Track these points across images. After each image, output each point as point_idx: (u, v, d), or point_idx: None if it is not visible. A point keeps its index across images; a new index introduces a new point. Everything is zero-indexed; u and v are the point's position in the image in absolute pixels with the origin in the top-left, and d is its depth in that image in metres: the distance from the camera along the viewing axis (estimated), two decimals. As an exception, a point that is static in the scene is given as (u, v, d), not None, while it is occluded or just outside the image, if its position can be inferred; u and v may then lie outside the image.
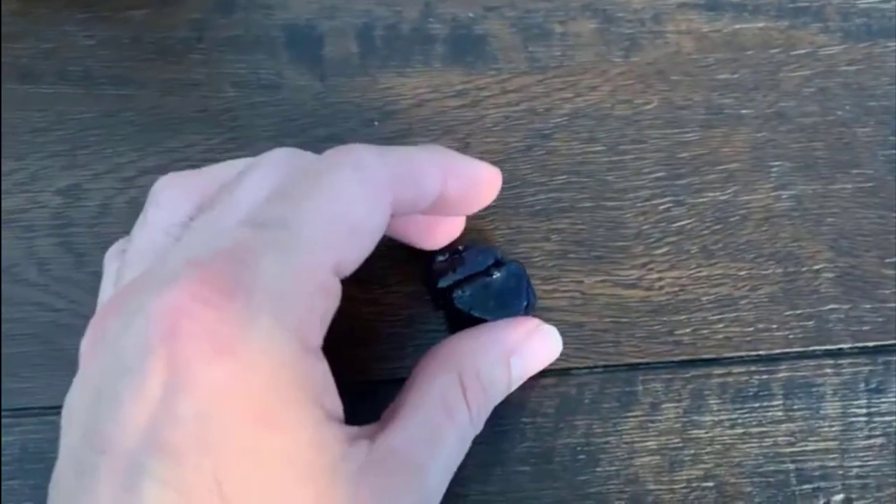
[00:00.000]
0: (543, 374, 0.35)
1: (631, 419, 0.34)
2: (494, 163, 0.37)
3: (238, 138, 0.38)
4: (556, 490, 0.33)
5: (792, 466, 0.34)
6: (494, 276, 0.34)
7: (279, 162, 0.30)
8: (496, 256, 0.34)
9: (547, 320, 0.36)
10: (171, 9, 0.42)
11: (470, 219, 0.36)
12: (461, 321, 0.33)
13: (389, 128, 0.38)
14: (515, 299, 0.33)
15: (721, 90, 0.39)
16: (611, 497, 0.33)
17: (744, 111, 0.38)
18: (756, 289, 0.36)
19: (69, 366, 0.35)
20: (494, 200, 0.36)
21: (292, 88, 0.39)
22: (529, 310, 0.33)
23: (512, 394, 0.35)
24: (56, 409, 0.34)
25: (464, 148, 0.38)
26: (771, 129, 0.38)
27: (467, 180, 0.32)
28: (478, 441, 0.34)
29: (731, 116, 0.38)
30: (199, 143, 0.38)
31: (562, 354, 0.36)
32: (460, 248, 0.34)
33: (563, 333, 0.36)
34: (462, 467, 0.33)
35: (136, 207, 0.37)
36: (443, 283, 0.34)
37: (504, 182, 0.37)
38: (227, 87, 0.39)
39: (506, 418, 0.34)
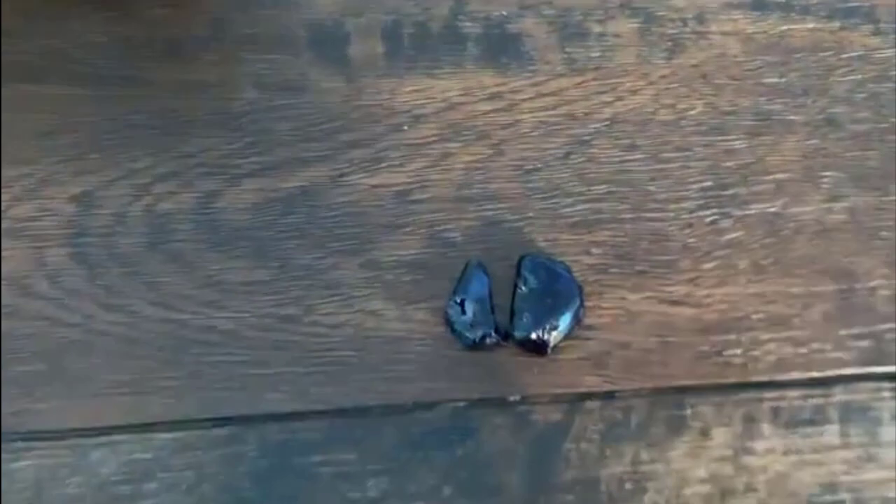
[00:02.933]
0: (588, 396, 0.34)
1: (680, 445, 0.33)
2: (530, 171, 0.36)
3: (258, 143, 0.37)
4: (600, 520, 0.33)
5: (849, 496, 0.32)
6: (524, 287, 0.33)
7: None
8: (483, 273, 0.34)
9: (591, 339, 0.34)
10: (188, 5, 0.39)
11: (504, 231, 0.35)
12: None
13: (419, 133, 0.37)
14: (565, 287, 0.33)
15: (769, 95, 0.37)
16: (658, 528, 0.33)
17: (793, 117, 0.37)
18: (809, 306, 0.34)
19: (82, 385, 0.33)
20: (531, 210, 0.35)
21: (316, 90, 0.37)
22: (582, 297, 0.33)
23: (554, 418, 0.33)
24: (67, 433, 0.33)
25: (498, 154, 0.37)
26: (822, 136, 0.37)
27: None
28: (520, 467, 0.32)
29: (779, 123, 0.37)
30: (216, 147, 0.36)
31: (606, 375, 0.34)
32: (458, 299, 0.34)
33: (607, 353, 0.34)
34: (501, 493, 0.32)
35: (152, 216, 0.36)
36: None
37: (541, 191, 0.36)
38: (247, 88, 0.37)
39: (549, 443, 0.33)
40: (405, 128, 0.37)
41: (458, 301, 0.33)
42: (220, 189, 0.36)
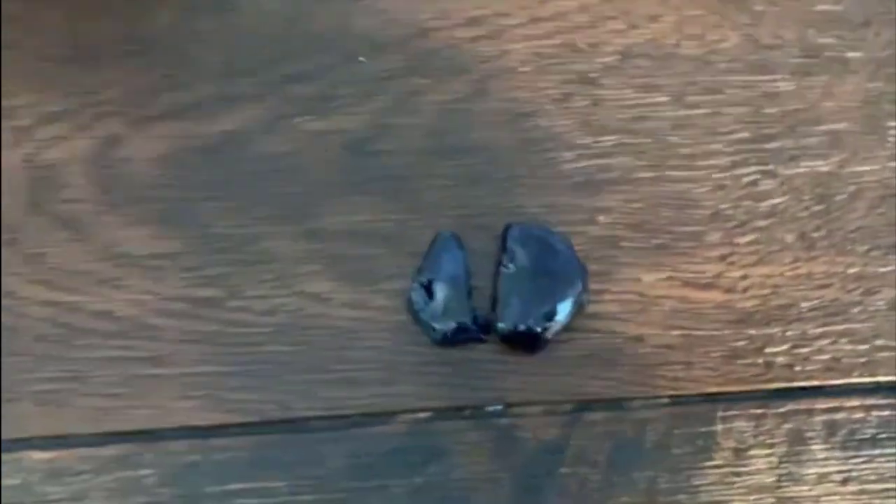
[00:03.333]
0: (591, 406, 0.29)
1: (709, 471, 0.29)
2: (521, 115, 0.33)
3: (177, 75, 0.33)
4: (605, 565, 0.29)
5: (924, 538, 0.28)
6: (511, 265, 0.29)
7: None
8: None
9: (595, 333, 0.30)
10: None
11: (486, 192, 0.31)
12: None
13: (381, 65, 0.33)
14: (564, 265, 0.29)
15: (820, 25, 0.34)
16: (679, 574, 0.29)
17: (851, 54, 0.33)
18: (872, 292, 0.31)
19: None
20: (521, 166, 0.32)
21: (251, 11, 0.33)
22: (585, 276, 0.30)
23: (547, 434, 0.29)
24: None
25: (480, 94, 0.33)
26: (887, 77, 0.33)
27: None
28: (502, 498, 0.29)
29: (834, 60, 0.33)
30: (124, 80, 0.33)
31: (615, 378, 0.30)
32: (424, 280, 0.30)
33: (614, 349, 0.30)
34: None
35: (34, 168, 0.31)
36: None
37: (534, 143, 0.32)
38: (164, 7, 0.33)
39: (540, 467, 0.29)
40: (362, 59, 0.33)
41: (425, 283, 0.29)
42: (123, 134, 0.32)
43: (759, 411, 0.29)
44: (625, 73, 0.33)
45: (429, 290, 0.29)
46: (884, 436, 0.29)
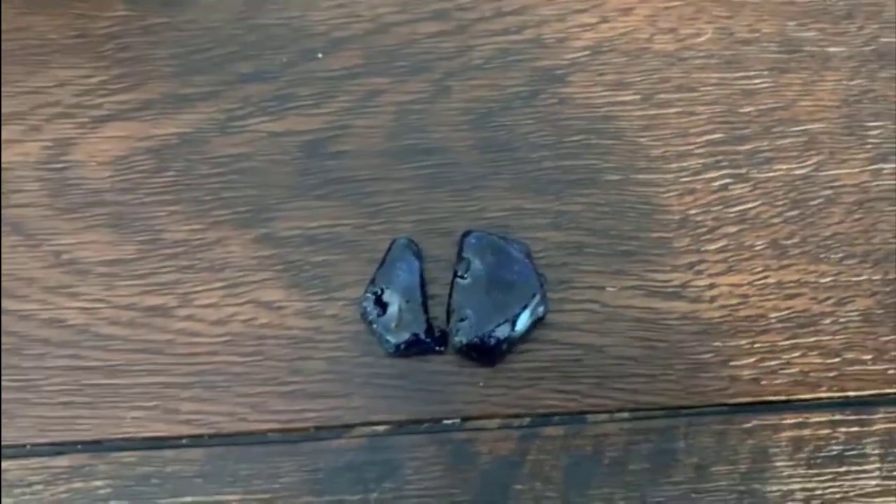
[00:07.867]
0: (548, 420, 0.28)
1: (668, 488, 0.28)
2: (484, 115, 0.31)
3: (129, 75, 0.32)
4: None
5: (890, 558, 0.27)
6: (467, 276, 0.28)
7: None
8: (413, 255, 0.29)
9: (554, 344, 0.29)
10: None
11: (445, 197, 0.30)
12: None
13: (339, 62, 0.31)
14: (521, 275, 0.28)
15: (800, 18, 0.32)
16: None
17: (832, 49, 0.32)
18: (844, 302, 0.29)
19: None
20: (482, 168, 0.31)
21: (204, 6, 0.32)
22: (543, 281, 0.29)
23: (503, 449, 0.28)
24: None
25: (442, 93, 0.31)
26: (869, 75, 0.31)
27: None
28: None
29: (813, 56, 0.32)
30: (74, 80, 0.31)
31: (574, 392, 0.28)
32: (377, 290, 0.28)
33: (576, 362, 0.28)
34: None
35: None
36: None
37: (496, 144, 0.31)
38: (116, 3, 0.32)
39: (495, 483, 0.28)
40: (319, 56, 0.32)
41: (378, 292, 0.28)
42: (74, 137, 0.31)
43: (722, 427, 0.28)
44: (593, 69, 0.31)
45: (381, 301, 0.28)
46: (851, 453, 0.27)
